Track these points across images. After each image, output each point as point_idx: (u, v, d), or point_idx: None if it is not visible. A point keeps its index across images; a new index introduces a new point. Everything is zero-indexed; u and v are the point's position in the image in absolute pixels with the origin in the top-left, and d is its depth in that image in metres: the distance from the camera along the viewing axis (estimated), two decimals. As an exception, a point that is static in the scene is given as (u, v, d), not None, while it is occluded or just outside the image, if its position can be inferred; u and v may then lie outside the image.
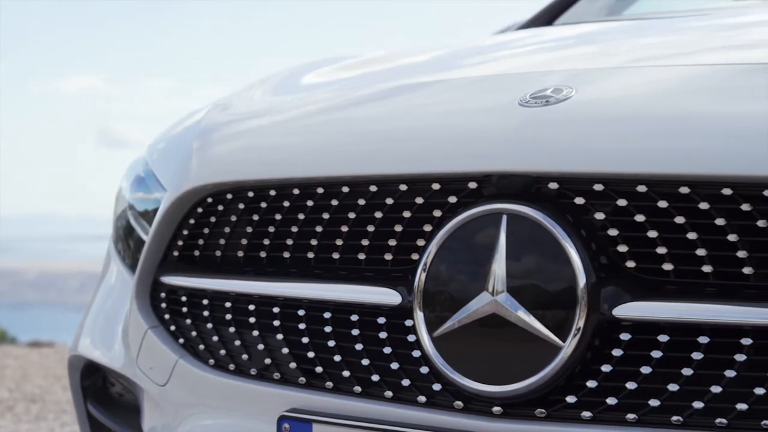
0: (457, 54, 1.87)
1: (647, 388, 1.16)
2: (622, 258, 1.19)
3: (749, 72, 1.33)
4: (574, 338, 1.18)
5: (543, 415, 1.20)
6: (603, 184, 1.20)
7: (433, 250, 1.28)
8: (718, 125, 1.19)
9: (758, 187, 1.12)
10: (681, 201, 1.16)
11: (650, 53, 1.60)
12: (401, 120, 1.45)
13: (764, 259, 1.12)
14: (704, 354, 1.14)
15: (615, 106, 1.29)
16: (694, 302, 1.14)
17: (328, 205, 1.41)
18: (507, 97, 1.33)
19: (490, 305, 1.22)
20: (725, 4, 2.37)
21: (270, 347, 1.45)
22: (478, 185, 1.28)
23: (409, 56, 1.90)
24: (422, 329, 1.27)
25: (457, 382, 1.24)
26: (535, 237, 1.21)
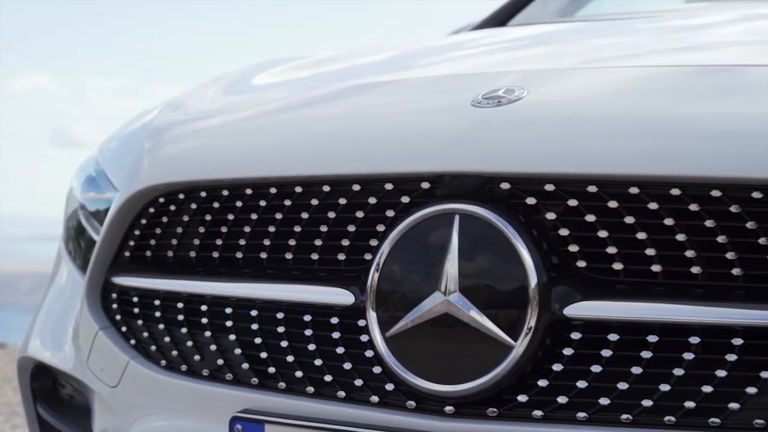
0: (411, 54, 1.87)
1: (598, 386, 1.17)
2: (573, 258, 1.20)
3: (699, 74, 1.35)
4: (525, 338, 1.19)
5: (495, 414, 1.21)
6: (554, 184, 1.21)
7: (385, 250, 1.28)
8: (667, 126, 1.21)
9: (706, 188, 1.14)
10: (631, 201, 1.17)
11: (602, 54, 1.62)
12: (354, 120, 1.45)
13: (713, 259, 1.14)
14: (653, 353, 1.15)
15: (566, 107, 1.30)
16: (643, 301, 1.16)
17: (281, 205, 1.40)
18: (460, 98, 1.34)
19: (442, 305, 1.22)
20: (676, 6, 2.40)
21: (222, 348, 1.45)
22: (431, 185, 1.28)
23: (362, 56, 1.90)
24: (375, 329, 1.27)
25: (410, 381, 1.24)
26: (487, 237, 1.22)
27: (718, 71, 1.34)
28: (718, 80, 1.31)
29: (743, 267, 1.12)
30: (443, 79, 1.56)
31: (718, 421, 1.11)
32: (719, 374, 1.12)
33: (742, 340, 1.11)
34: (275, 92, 1.74)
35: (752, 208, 1.12)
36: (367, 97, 1.54)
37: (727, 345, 1.12)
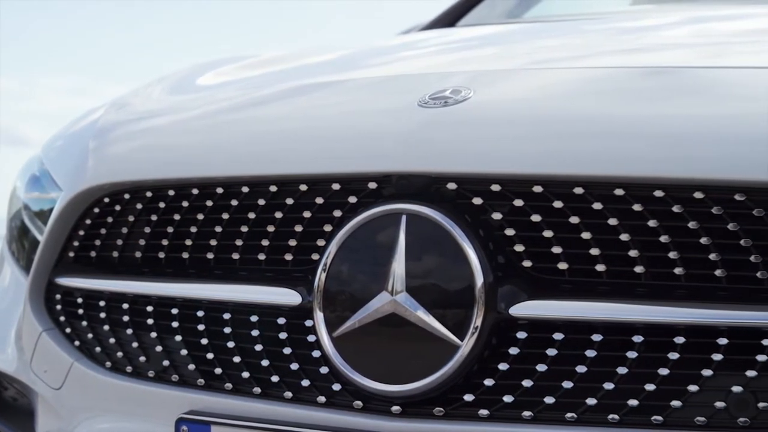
0: (360, 54, 1.87)
1: (543, 385, 1.18)
2: (518, 257, 1.21)
3: (644, 75, 1.37)
4: (471, 337, 1.19)
5: (441, 414, 1.21)
6: (500, 184, 1.21)
7: (333, 250, 1.28)
8: (612, 127, 1.22)
9: (649, 188, 1.15)
10: (575, 201, 1.18)
11: (549, 56, 1.63)
12: (302, 120, 1.45)
13: (655, 258, 1.15)
14: (598, 351, 1.16)
15: (512, 108, 1.31)
16: (587, 301, 1.17)
17: (228, 205, 1.40)
18: (407, 98, 1.34)
19: (389, 305, 1.22)
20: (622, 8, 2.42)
21: (168, 349, 1.43)
22: (378, 185, 1.28)
23: (310, 56, 1.90)
24: (322, 329, 1.27)
25: (357, 381, 1.24)
26: (433, 237, 1.22)
27: (663, 73, 1.36)
28: (663, 82, 1.33)
29: (685, 266, 1.14)
30: (391, 79, 1.56)
31: (661, 418, 1.13)
32: (662, 372, 1.13)
33: (684, 338, 1.13)
34: (222, 92, 1.73)
35: (694, 208, 1.13)
36: (315, 97, 1.54)
37: (670, 343, 1.13)
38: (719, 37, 1.67)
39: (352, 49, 1.91)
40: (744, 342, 1.11)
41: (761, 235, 1.11)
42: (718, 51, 1.53)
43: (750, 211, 1.11)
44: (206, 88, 1.78)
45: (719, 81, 1.29)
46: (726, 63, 1.40)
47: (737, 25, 1.78)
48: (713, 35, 1.70)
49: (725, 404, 1.10)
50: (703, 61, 1.44)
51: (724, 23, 1.83)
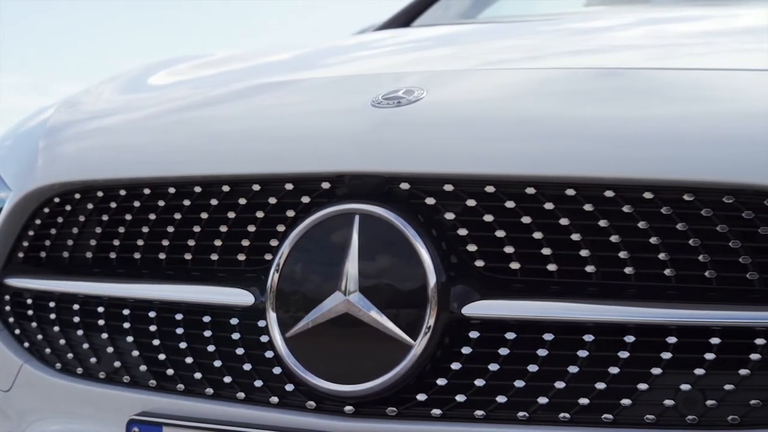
0: (315, 54, 1.87)
1: (495, 385, 1.18)
2: (471, 257, 1.21)
3: (596, 77, 1.38)
4: (424, 337, 1.19)
5: (394, 414, 1.21)
6: (453, 184, 1.22)
7: (286, 251, 1.27)
8: (563, 128, 1.23)
9: (600, 188, 1.16)
10: (527, 201, 1.19)
11: (502, 56, 1.64)
12: (255, 120, 1.45)
13: (606, 258, 1.16)
14: (549, 351, 1.17)
15: (465, 108, 1.32)
16: (539, 300, 1.18)
17: (180, 205, 1.39)
18: (360, 98, 1.34)
19: (342, 305, 1.22)
20: (576, 10, 2.44)
21: (120, 350, 1.42)
22: (331, 185, 1.28)
23: (265, 56, 1.89)
24: (275, 330, 1.26)
25: (310, 382, 1.24)
26: (387, 237, 1.22)
27: (614, 74, 1.37)
28: (614, 83, 1.34)
29: (635, 266, 1.15)
30: (345, 79, 1.57)
31: (611, 417, 1.14)
32: (612, 371, 1.14)
33: (634, 337, 1.14)
34: (174, 91, 1.72)
35: (644, 208, 1.15)
36: (268, 97, 1.53)
37: (620, 342, 1.14)
38: (670, 38, 1.69)
39: (306, 48, 1.91)
40: (693, 341, 1.12)
41: (709, 235, 1.12)
42: (669, 53, 1.55)
43: (699, 212, 1.13)
44: (159, 87, 1.77)
45: (669, 83, 1.31)
46: (676, 65, 1.42)
47: (688, 27, 1.80)
48: (664, 37, 1.72)
49: (674, 402, 1.12)
50: (654, 62, 1.46)
51: (676, 25, 1.85)
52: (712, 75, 1.33)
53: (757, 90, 1.25)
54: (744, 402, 1.10)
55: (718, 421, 1.10)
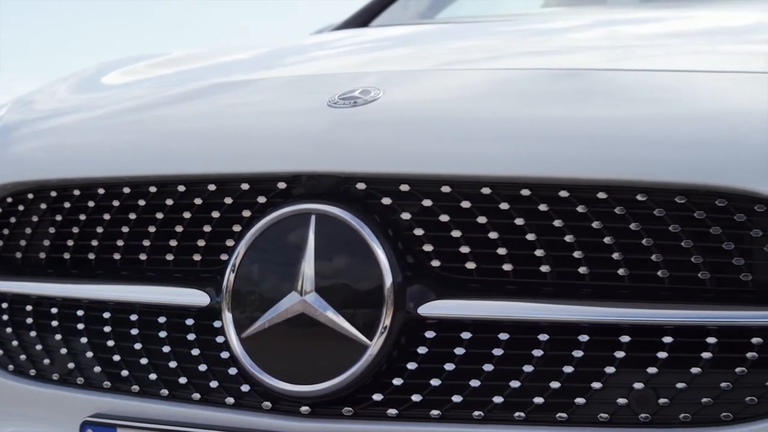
0: (272, 54, 1.87)
1: (451, 384, 1.19)
2: (427, 257, 1.21)
3: (553, 77, 1.38)
4: (380, 337, 1.19)
5: (350, 414, 1.21)
6: (409, 184, 1.22)
7: (242, 251, 1.27)
8: (518, 128, 1.24)
9: (554, 188, 1.17)
10: (483, 201, 1.20)
11: (460, 57, 1.64)
12: (210, 119, 1.44)
13: (560, 258, 1.17)
14: (504, 350, 1.17)
15: (421, 109, 1.32)
16: (494, 300, 1.18)
17: (135, 205, 1.38)
18: (317, 98, 1.34)
19: (298, 305, 1.22)
20: (534, 11, 2.45)
21: (73, 351, 1.41)
22: (288, 185, 1.28)
23: (222, 55, 1.88)
24: (231, 330, 1.26)
25: (266, 382, 1.24)
26: (343, 237, 1.22)
27: (570, 75, 1.38)
28: (570, 84, 1.35)
29: (590, 266, 1.16)
30: (302, 79, 1.56)
31: (565, 415, 1.14)
32: (566, 370, 1.15)
33: (588, 336, 1.15)
34: (130, 90, 1.71)
35: (598, 208, 1.15)
36: (225, 97, 1.53)
37: (575, 342, 1.15)
38: (627, 40, 1.71)
39: (264, 48, 1.91)
40: (646, 339, 1.13)
41: (662, 234, 1.13)
42: (625, 54, 1.56)
43: (651, 212, 1.14)
44: (114, 86, 1.76)
45: (624, 84, 1.32)
46: (632, 66, 1.43)
47: (645, 29, 1.81)
48: (621, 38, 1.74)
49: (627, 401, 1.13)
50: (610, 64, 1.47)
51: (633, 26, 1.86)
52: (667, 77, 1.34)
53: (710, 92, 1.27)
54: (695, 400, 1.11)
55: (671, 419, 1.12)
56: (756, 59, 1.44)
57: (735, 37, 1.63)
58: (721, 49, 1.54)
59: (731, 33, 1.67)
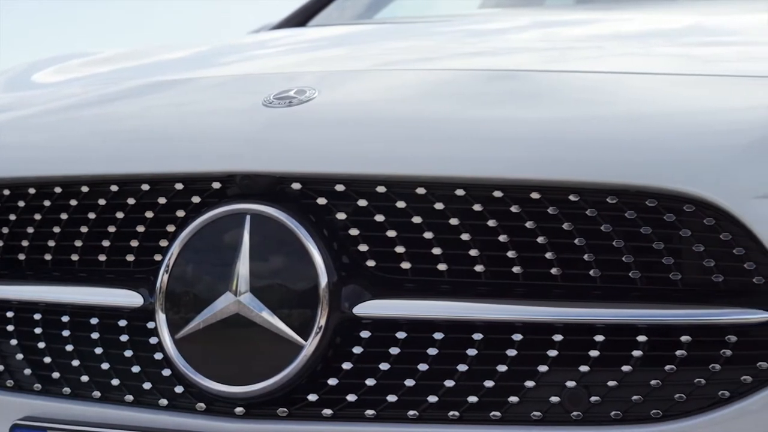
0: (209, 53, 1.86)
1: (386, 384, 1.19)
2: (363, 257, 1.22)
3: (488, 78, 1.39)
4: (315, 337, 1.19)
5: (285, 414, 1.21)
6: (344, 184, 1.22)
7: (175, 251, 1.26)
8: (453, 129, 1.24)
9: (488, 189, 1.18)
10: (418, 201, 1.20)
11: (396, 57, 1.65)
12: (144, 119, 1.43)
13: (494, 257, 1.18)
14: (439, 350, 1.18)
15: (356, 109, 1.32)
16: (429, 299, 1.19)
17: (67, 205, 1.36)
18: (252, 98, 1.34)
19: (233, 306, 1.21)
20: (471, 12, 2.47)
21: (3, 353, 1.39)
22: (222, 185, 1.27)
23: (157, 54, 1.87)
24: (164, 331, 1.25)
25: (200, 383, 1.23)
26: (278, 237, 1.22)
27: (507, 76, 1.39)
28: (506, 85, 1.36)
29: (523, 265, 1.17)
30: (238, 78, 1.56)
31: (499, 414, 1.15)
32: (500, 369, 1.16)
33: (521, 335, 1.16)
34: (63, 89, 1.69)
35: (531, 208, 1.16)
36: (159, 96, 1.51)
37: (508, 341, 1.16)
38: (562, 41, 1.72)
39: (200, 47, 1.90)
40: (577, 338, 1.14)
41: (594, 234, 1.15)
42: (561, 56, 1.57)
43: (584, 212, 1.15)
44: (45, 85, 1.73)
45: (558, 85, 1.33)
46: (566, 68, 1.44)
47: (580, 31, 1.83)
48: (557, 40, 1.76)
49: (560, 399, 1.14)
50: (546, 65, 1.48)
51: (568, 28, 1.88)
52: (600, 78, 1.36)
53: (642, 93, 1.28)
54: (626, 398, 1.12)
55: (602, 417, 1.13)
56: (688, 61, 1.46)
57: (669, 39, 1.66)
58: (654, 52, 1.56)
59: (665, 35, 1.69)
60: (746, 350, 1.10)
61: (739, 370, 1.10)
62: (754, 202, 1.10)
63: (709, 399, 1.11)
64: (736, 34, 1.67)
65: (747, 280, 1.11)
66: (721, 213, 1.11)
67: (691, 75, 1.35)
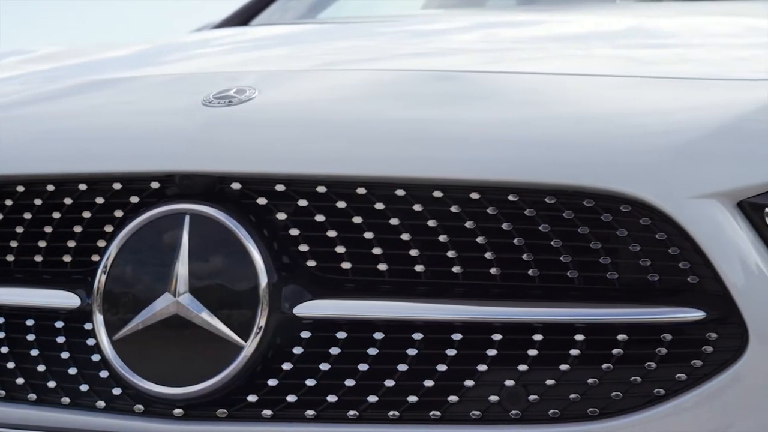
0: (150, 51, 1.84)
1: (326, 384, 1.19)
2: (303, 257, 1.21)
3: (429, 79, 1.40)
4: (255, 337, 1.19)
5: (224, 415, 1.20)
6: (284, 184, 1.22)
7: (113, 252, 1.25)
8: (393, 129, 1.25)
9: (428, 189, 1.18)
10: (358, 201, 1.20)
11: (338, 57, 1.65)
12: (82, 117, 1.41)
13: (434, 257, 1.18)
14: (379, 350, 1.18)
15: (297, 109, 1.32)
16: (369, 299, 1.19)
17: (2, 205, 1.34)
18: (192, 97, 1.33)
19: (172, 306, 1.21)
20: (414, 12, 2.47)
21: (-64, 356, 1.36)
22: (161, 185, 1.26)
23: (97, 52, 1.85)
24: (102, 332, 1.23)
25: (138, 385, 1.22)
26: (218, 237, 1.21)
27: (447, 77, 1.40)
28: (447, 86, 1.37)
29: (463, 265, 1.17)
30: (178, 77, 1.55)
31: (439, 414, 1.16)
32: (440, 369, 1.16)
33: (461, 335, 1.16)
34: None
35: (471, 208, 1.17)
36: (98, 95, 1.50)
37: (448, 340, 1.16)
38: (503, 43, 1.74)
39: (141, 45, 1.88)
40: (516, 337, 1.15)
41: (533, 234, 1.15)
42: (501, 57, 1.58)
43: (522, 212, 1.16)
44: None
45: (498, 86, 1.34)
46: (506, 69, 1.45)
47: (521, 32, 1.85)
48: (498, 41, 1.77)
49: (499, 398, 1.15)
50: (487, 66, 1.49)
51: (509, 29, 1.90)
52: (539, 79, 1.37)
53: (581, 95, 1.30)
54: (564, 396, 1.13)
55: (540, 415, 1.14)
56: (627, 63, 1.48)
57: (608, 41, 1.68)
58: (594, 53, 1.58)
59: (605, 37, 1.71)
60: (681, 348, 1.12)
61: (674, 368, 1.12)
62: (689, 202, 1.12)
63: (644, 397, 1.12)
64: (674, 37, 1.70)
65: (682, 279, 1.12)
66: (657, 213, 1.12)
67: (630, 77, 1.37)
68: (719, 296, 1.11)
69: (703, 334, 1.12)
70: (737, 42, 1.64)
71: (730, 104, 1.22)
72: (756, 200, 1.12)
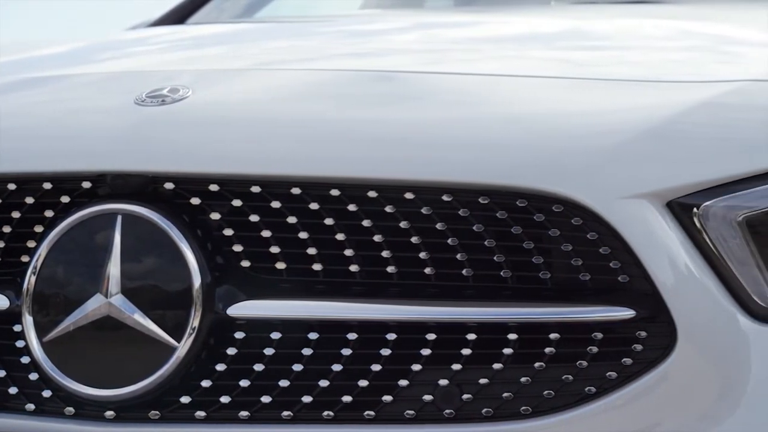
0: (83, 49, 1.82)
1: (260, 385, 1.18)
2: (237, 257, 1.21)
3: (366, 79, 1.40)
4: (189, 338, 1.18)
5: (157, 417, 1.19)
6: (218, 184, 1.21)
7: (43, 252, 1.23)
8: (329, 129, 1.24)
9: (363, 189, 1.18)
10: (293, 202, 1.19)
11: (274, 57, 1.64)
12: (11, 116, 1.38)
13: (369, 257, 1.18)
14: (314, 350, 1.18)
15: (231, 108, 1.31)
16: (304, 300, 1.18)
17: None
18: (124, 96, 1.31)
19: (103, 307, 1.19)
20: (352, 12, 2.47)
21: None
22: (93, 185, 1.24)
23: (29, 50, 1.82)
24: (31, 334, 1.22)
25: (68, 387, 1.20)
26: (150, 238, 1.20)
27: (384, 77, 1.40)
28: (383, 86, 1.37)
29: (397, 265, 1.18)
30: (111, 76, 1.53)
31: (373, 413, 1.16)
32: (374, 368, 1.16)
33: (395, 335, 1.16)
34: None
35: (405, 208, 1.17)
36: (29, 93, 1.47)
37: (383, 340, 1.17)
38: (440, 43, 1.74)
39: (74, 44, 1.86)
40: (450, 337, 1.15)
41: (467, 234, 1.16)
42: (437, 57, 1.59)
43: (456, 212, 1.16)
44: None
45: (433, 87, 1.35)
46: (442, 69, 1.46)
47: (459, 33, 1.85)
48: (435, 42, 1.77)
49: (433, 397, 1.15)
50: (424, 66, 1.50)
51: (447, 30, 1.90)
52: (474, 80, 1.38)
53: (516, 96, 1.31)
54: (497, 395, 1.14)
55: (473, 414, 1.14)
56: (562, 65, 1.49)
57: (545, 43, 1.69)
58: (530, 55, 1.59)
59: (541, 39, 1.72)
60: (611, 347, 1.13)
61: (604, 366, 1.13)
62: (620, 202, 1.13)
63: (576, 395, 1.13)
64: (609, 39, 1.72)
65: (612, 278, 1.14)
66: (588, 213, 1.13)
67: (564, 78, 1.38)
68: (649, 295, 1.12)
69: (633, 332, 1.13)
70: (671, 45, 1.66)
71: (661, 106, 1.23)
72: (685, 200, 1.14)
